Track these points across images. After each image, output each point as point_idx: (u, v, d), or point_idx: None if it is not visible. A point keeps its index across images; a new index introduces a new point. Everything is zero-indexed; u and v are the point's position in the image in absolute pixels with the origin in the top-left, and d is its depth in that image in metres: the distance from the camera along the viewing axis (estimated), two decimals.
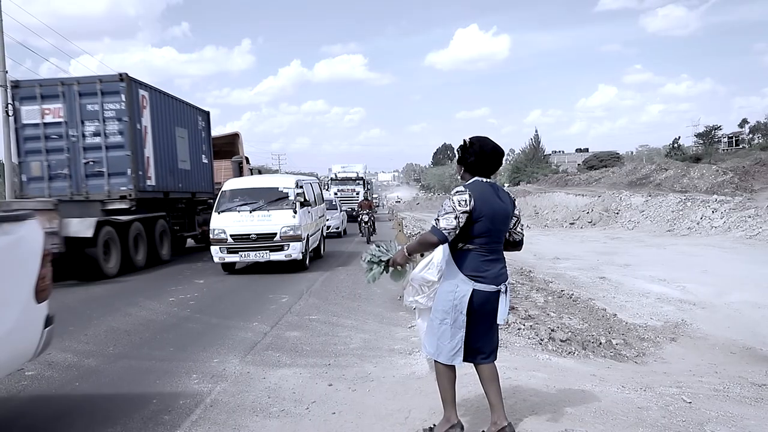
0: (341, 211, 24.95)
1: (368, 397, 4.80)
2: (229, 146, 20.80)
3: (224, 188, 13.25)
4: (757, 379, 5.46)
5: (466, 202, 3.31)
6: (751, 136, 73.45)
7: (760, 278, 11.60)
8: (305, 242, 12.72)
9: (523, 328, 7.01)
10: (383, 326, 7.43)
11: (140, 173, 13.36)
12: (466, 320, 3.40)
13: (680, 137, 75.94)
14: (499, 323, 3.54)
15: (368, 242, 18.53)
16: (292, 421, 4.41)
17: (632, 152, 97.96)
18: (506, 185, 66.79)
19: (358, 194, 33.28)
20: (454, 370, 3.57)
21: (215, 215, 12.56)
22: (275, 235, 12.18)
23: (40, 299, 3.79)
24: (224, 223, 12.31)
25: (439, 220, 3.34)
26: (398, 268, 3.74)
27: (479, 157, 3.46)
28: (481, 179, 3.48)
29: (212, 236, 12.38)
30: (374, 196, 52.03)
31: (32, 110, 12.96)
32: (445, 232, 3.31)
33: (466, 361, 3.54)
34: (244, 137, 21.57)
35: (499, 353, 5.81)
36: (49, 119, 12.96)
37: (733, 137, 74.98)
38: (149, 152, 13.90)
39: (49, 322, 3.95)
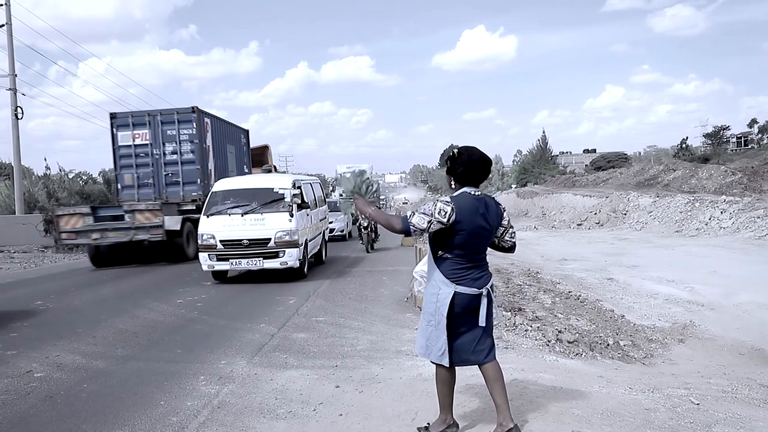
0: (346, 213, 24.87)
1: (375, 398, 4.80)
2: (260, 156, 23.60)
3: (214, 188, 12.36)
4: (765, 380, 5.43)
5: (446, 213, 3.39)
6: (760, 136, 73.01)
7: None
8: (303, 248, 11.66)
9: (530, 329, 6.99)
10: (390, 328, 7.43)
11: (206, 182, 16.35)
12: (446, 323, 3.47)
13: (688, 137, 75.53)
14: (481, 325, 3.55)
15: (368, 250, 17.34)
16: (299, 422, 4.42)
17: (640, 153, 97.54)
18: (513, 186, 66.70)
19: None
20: (453, 374, 3.65)
21: (204, 219, 11.52)
22: (269, 240, 11.10)
23: None
24: (213, 227, 11.30)
25: (414, 214, 3.47)
26: (353, 209, 4.03)
27: (468, 167, 3.53)
28: (469, 191, 3.54)
29: (200, 242, 11.40)
30: (381, 197, 51.90)
31: (126, 135, 16.26)
32: (411, 228, 3.43)
33: (457, 364, 3.59)
34: (251, 139, 22.35)
35: (505, 354, 5.85)
36: (138, 142, 16.36)
37: (741, 137, 74.58)
38: (211, 166, 17.31)
39: None
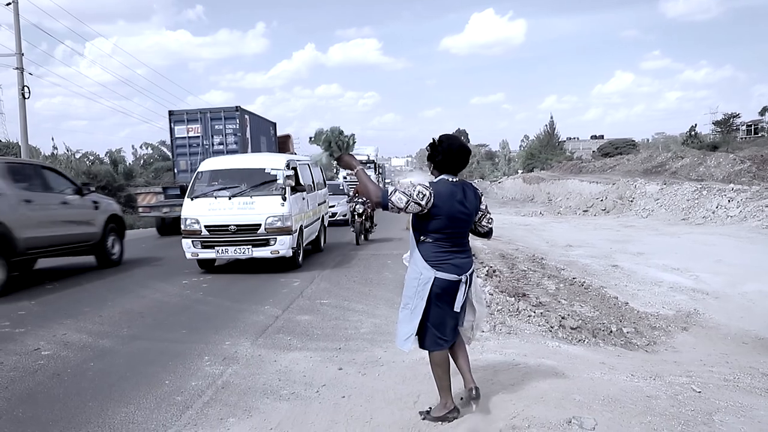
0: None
1: (378, 381, 4.84)
2: (283, 145, 25.47)
3: (200, 168, 11.37)
4: None
5: (424, 196, 3.50)
6: None
7: None
8: (297, 235, 10.59)
9: (533, 315, 7.01)
10: (394, 311, 7.41)
11: None
12: (424, 307, 3.60)
13: (697, 125, 74.96)
14: (456, 311, 3.67)
15: (358, 242, 14.48)
16: (302, 403, 4.47)
17: (648, 140, 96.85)
18: (520, 171, 66.51)
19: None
20: (446, 357, 3.78)
21: (187, 201, 10.52)
22: (259, 226, 10.04)
23: None
24: (198, 211, 10.28)
25: (396, 192, 3.54)
26: (324, 160, 3.95)
27: (446, 155, 3.63)
28: (447, 178, 3.66)
29: (183, 227, 10.34)
30: (387, 180, 51.66)
31: (181, 128, 18.89)
32: (389, 204, 3.53)
33: (423, 347, 3.77)
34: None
35: (508, 339, 5.88)
36: (191, 134, 18.89)
37: (752, 125, 73.89)
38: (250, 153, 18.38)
39: None
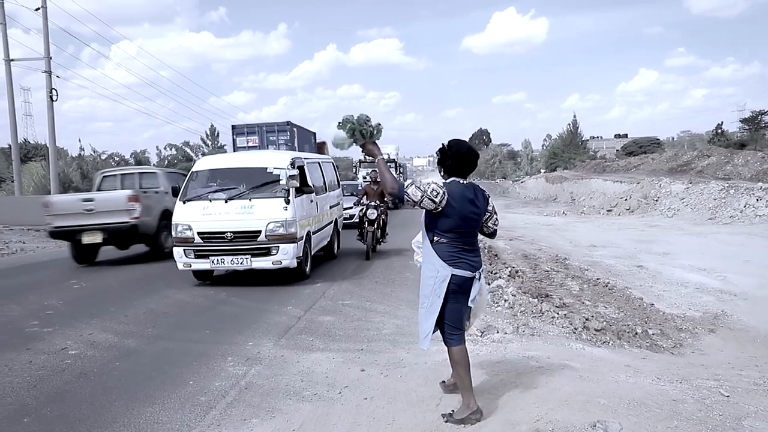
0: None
1: (400, 383, 4.83)
2: (319, 151, 27.34)
3: (195, 167, 10.18)
4: None
5: (437, 194, 3.64)
6: None
7: None
8: (303, 243, 9.44)
9: (557, 316, 6.95)
10: (416, 312, 7.39)
11: None
12: (441, 305, 3.75)
13: (723, 122, 73.65)
14: (470, 306, 3.86)
15: (369, 256, 11.94)
16: (324, 405, 4.48)
17: (673, 138, 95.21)
18: (542, 171, 65.97)
19: None
20: (467, 356, 3.87)
21: (179, 205, 9.35)
22: (259, 233, 8.91)
23: None
24: (190, 215, 9.11)
25: (412, 186, 3.71)
26: (347, 145, 4.15)
27: (456, 159, 3.78)
28: (458, 180, 3.80)
29: (174, 233, 9.23)
30: (408, 181, 51.36)
31: (242, 140, 20.44)
32: (405, 196, 3.69)
33: (446, 343, 3.88)
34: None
35: (531, 341, 5.84)
36: (250, 144, 20.21)
37: None
38: None
39: None
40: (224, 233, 8.92)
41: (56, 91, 25.26)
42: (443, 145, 3.84)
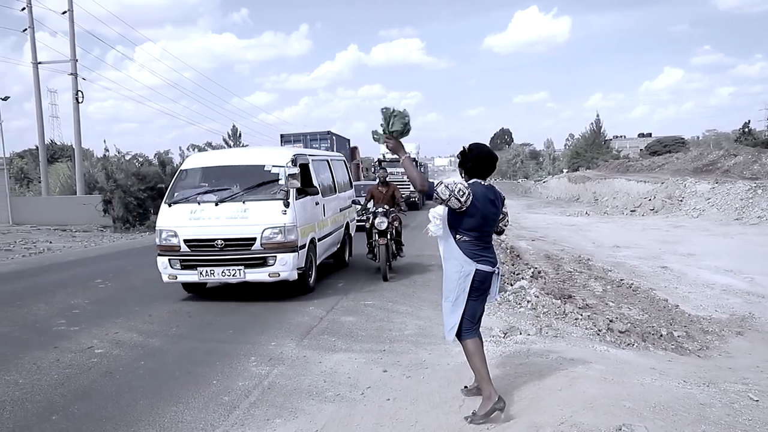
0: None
1: (423, 384, 4.83)
2: (352, 155, 30.94)
3: (184, 166, 9.12)
4: None
5: (463, 194, 3.81)
6: None
7: None
8: (306, 252, 8.37)
9: (580, 318, 6.89)
10: (438, 313, 7.38)
11: None
12: (466, 298, 3.91)
13: (751, 121, 72.26)
14: (490, 301, 4.16)
15: (386, 276, 9.62)
16: (347, 405, 4.49)
17: (698, 137, 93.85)
18: (565, 171, 65.43)
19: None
20: (481, 347, 4.02)
21: (164, 208, 8.33)
22: (253, 241, 7.84)
23: None
24: (176, 220, 8.08)
25: (441, 184, 3.87)
26: (388, 148, 4.24)
27: (476, 161, 3.96)
28: (479, 181, 3.98)
29: (158, 241, 8.19)
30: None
31: (289, 147, 21.55)
32: (434, 193, 3.83)
33: (459, 337, 4.00)
34: (301, 122, 27.37)
35: (555, 343, 5.80)
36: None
37: None
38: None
39: None
40: (214, 241, 7.87)
41: (82, 93, 25.73)
42: (464, 148, 4.02)
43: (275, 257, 7.86)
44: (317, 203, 9.25)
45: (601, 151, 68.20)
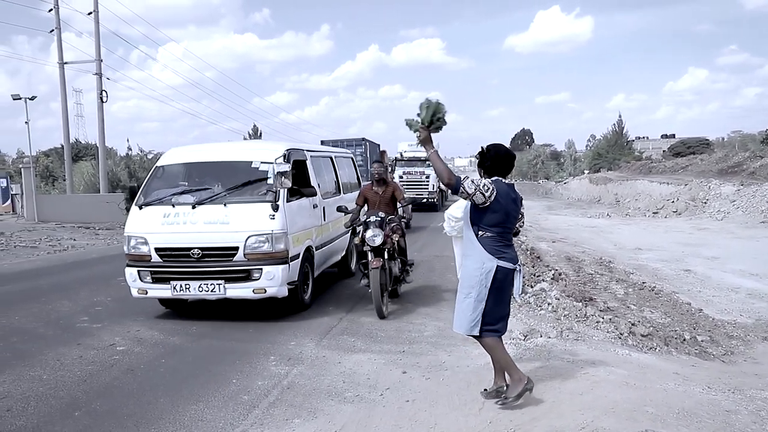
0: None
1: (442, 386, 4.81)
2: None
3: (160, 162, 8.01)
4: None
5: (488, 189, 3.90)
6: None
7: None
8: (299, 263, 7.25)
9: (601, 321, 6.81)
10: None
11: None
12: (487, 294, 3.93)
13: None
14: (514, 297, 4.18)
15: (383, 313, 7.12)
16: (366, 406, 4.48)
17: (723, 138, 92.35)
18: (586, 172, 64.90)
19: (427, 178, 25.34)
20: (500, 340, 4.13)
21: (134, 211, 7.21)
22: (236, 250, 6.75)
23: None
24: (146, 225, 7.00)
25: (468, 179, 3.94)
26: (417, 135, 4.31)
27: (494, 160, 4.07)
28: (500, 179, 4.04)
29: (126, 249, 7.15)
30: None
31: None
32: (461, 188, 3.89)
33: (486, 334, 4.02)
34: (321, 122, 28.12)
35: (576, 346, 5.74)
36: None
37: None
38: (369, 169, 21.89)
39: None
40: (190, 250, 6.78)
41: (106, 92, 26.02)
42: (482, 148, 4.13)
43: (261, 270, 6.74)
44: (315, 206, 8.15)
45: (623, 152, 67.55)
